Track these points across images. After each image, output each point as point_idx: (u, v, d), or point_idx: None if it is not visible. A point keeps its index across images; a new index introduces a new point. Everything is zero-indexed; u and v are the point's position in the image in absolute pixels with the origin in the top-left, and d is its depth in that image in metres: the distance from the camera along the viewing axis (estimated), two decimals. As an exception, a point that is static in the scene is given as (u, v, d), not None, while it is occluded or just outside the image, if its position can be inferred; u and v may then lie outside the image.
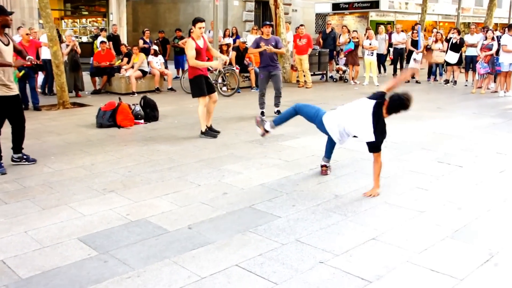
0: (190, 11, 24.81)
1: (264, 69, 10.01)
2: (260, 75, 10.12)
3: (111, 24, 20.05)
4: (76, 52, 12.98)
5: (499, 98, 13.15)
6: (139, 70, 13.57)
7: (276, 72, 10.04)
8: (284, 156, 6.86)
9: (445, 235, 4.27)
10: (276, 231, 4.34)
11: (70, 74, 12.55)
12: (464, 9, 32.88)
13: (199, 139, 8.02)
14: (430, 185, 5.68)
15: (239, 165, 6.48)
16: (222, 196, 5.29)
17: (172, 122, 9.49)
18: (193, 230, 4.37)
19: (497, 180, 5.92)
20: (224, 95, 13.11)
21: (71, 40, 13.15)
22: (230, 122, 9.53)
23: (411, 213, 4.79)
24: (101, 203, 5.06)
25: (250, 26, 23.03)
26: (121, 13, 21.53)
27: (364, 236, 4.24)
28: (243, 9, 25.62)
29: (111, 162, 6.66)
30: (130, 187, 5.58)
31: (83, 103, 11.89)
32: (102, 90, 13.84)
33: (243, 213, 4.78)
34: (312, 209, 4.90)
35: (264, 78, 10.02)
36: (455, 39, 15.35)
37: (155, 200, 5.16)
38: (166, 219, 4.63)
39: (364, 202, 5.10)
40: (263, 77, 10.02)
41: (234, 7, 25.00)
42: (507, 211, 4.90)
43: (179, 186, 5.62)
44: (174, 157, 6.89)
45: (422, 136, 8.32)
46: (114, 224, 4.51)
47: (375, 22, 28.53)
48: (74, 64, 12.79)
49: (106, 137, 8.23)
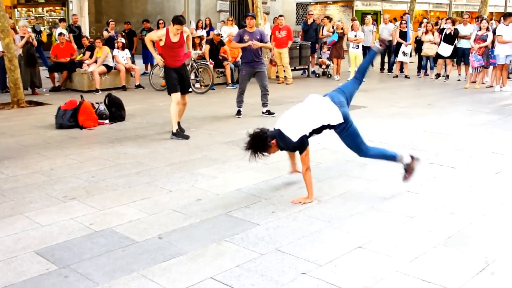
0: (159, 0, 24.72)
1: (248, 65, 9.95)
2: (242, 71, 10.06)
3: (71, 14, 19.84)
4: (32, 45, 12.83)
5: (494, 94, 13.35)
6: (103, 65, 13.47)
7: (261, 69, 10.00)
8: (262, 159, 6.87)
9: (437, 242, 4.32)
10: (254, 240, 4.35)
11: (25, 69, 12.40)
12: (457, -4, 33.36)
13: (170, 140, 8.00)
14: (421, 188, 5.74)
15: (214, 169, 6.47)
16: (195, 202, 5.28)
17: (140, 122, 9.44)
18: (164, 240, 4.35)
19: (492, 182, 6.02)
20: (197, 92, 13.10)
21: (26, 32, 12.99)
22: (203, 121, 9.52)
23: (400, 219, 4.84)
24: (61, 212, 5.00)
25: (225, 17, 23.00)
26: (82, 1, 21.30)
27: (349, 244, 4.26)
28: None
29: (72, 166, 6.60)
30: (94, 194, 5.54)
31: (41, 102, 11.76)
32: (61, 87, 13.70)
33: (219, 221, 4.78)
34: (293, 215, 4.91)
35: (247, 74, 9.95)
36: (449, 30, 15.44)
37: (121, 208, 5.12)
38: (134, 228, 4.61)
39: (349, 207, 5.13)
40: (245, 73, 9.96)
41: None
42: (504, 216, 4.98)
43: (148, 192, 5.59)
44: (142, 161, 6.85)
45: (412, 135, 8.41)
46: (75, 235, 4.46)
47: (361, 12, 28.76)
48: (30, 58, 12.64)
49: (67, 139, 8.16)
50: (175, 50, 8.19)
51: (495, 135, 8.42)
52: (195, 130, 8.71)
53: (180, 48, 8.26)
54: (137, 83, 14.18)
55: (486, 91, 13.84)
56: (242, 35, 9.95)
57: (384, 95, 13.00)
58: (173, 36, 8.13)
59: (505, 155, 7.19)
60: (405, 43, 16.62)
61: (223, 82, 14.66)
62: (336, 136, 5.47)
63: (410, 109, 10.89)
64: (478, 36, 14.11)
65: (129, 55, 14.61)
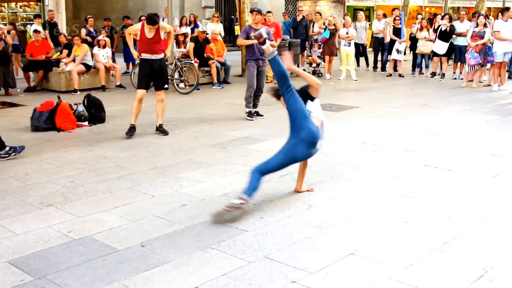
0: (140, -5, 24.69)
1: (255, 62, 10.01)
2: (249, 68, 10.05)
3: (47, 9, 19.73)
4: (5, 42, 12.75)
5: (492, 93, 13.46)
6: (82, 64, 13.41)
7: (264, 68, 10.12)
8: (250, 162, 6.88)
9: (433, 248, 4.35)
10: (241, 247, 4.36)
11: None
12: (454, -9, 33.54)
13: (152, 143, 7.99)
14: (416, 191, 5.77)
15: (199, 173, 6.48)
16: (179, 208, 5.28)
17: (122, 124, 9.41)
18: (147, 248, 4.34)
19: (491, 185, 6.06)
20: (182, 92, 13.09)
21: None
22: (188, 123, 9.51)
23: (394, 224, 4.86)
24: (37, 219, 4.98)
25: (210, 14, 23.00)
26: (58, -4, 21.17)
27: (341, 251, 4.28)
28: (202, -6, 25.61)
29: (49, 171, 6.57)
30: (72, 200, 5.52)
31: (15, 103, 11.69)
32: (37, 87, 13.62)
33: (204, 228, 4.78)
34: (282, 221, 4.93)
35: (254, 71, 10.00)
36: (444, 26, 15.52)
37: (101, 214, 5.11)
38: (114, 236, 4.59)
39: (341, 212, 5.15)
40: (253, 69, 9.99)
41: (191, -9, 24.98)
42: (503, 220, 5.02)
43: (130, 197, 5.58)
44: (123, 165, 6.84)
45: (406, 136, 8.46)
46: (52, 243, 4.44)
47: (353, 7, 28.87)
48: (3, 56, 12.55)
49: (43, 142, 8.12)
50: (150, 45, 8.36)
51: (493, 136, 8.49)
52: (180, 132, 8.70)
53: (155, 44, 8.38)
54: (118, 83, 14.14)
55: (484, 90, 13.94)
56: (248, 31, 9.95)
57: (377, 94, 13.06)
58: (148, 32, 8.29)
59: (503, 157, 7.25)
60: (399, 40, 16.67)
61: (209, 81, 14.65)
62: (328, 139, 5.51)
63: (404, 109, 10.95)
64: (475, 33, 14.14)
65: (109, 54, 14.57)
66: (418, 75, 17.06)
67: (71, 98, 10.93)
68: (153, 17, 8.19)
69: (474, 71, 14.42)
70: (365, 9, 28.69)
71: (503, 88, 13.83)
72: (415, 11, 30.58)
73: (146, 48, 8.37)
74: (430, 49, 16.17)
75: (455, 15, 17.73)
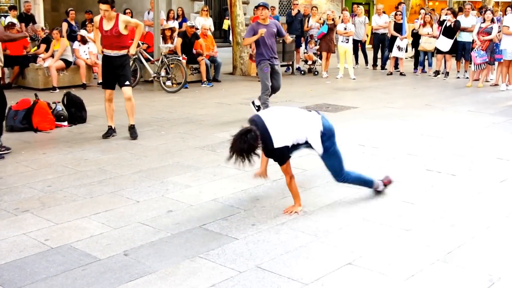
0: (124, -13, 24.63)
1: (269, 60, 9.75)
2: (263, 69, 9.76)
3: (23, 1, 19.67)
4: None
5: (500, 93, 13.52)
6: (61, 60, 13.38)
7: (278, 66, 9.95)
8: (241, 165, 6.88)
9: (436, 258, 4.37)
10: (232, 256, 4.36)
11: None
12: (458, -16, 33.68)
13: (137, 145, 7.98)
14: (418, 197, 5.80)
15: (187, 177, 6.47)
16: (166, 214, 5.27)
17: (104, 125, 9.36)
18: (130, 257, 4.34)
19: (497, 191, 6.09)
20: (168, 91, 13.08)
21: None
22: (175, 124, 9.51)
23: (394, 232, 4.88)
24: (11, 226, 4.96)
25: (199, 7, 23.01)
26: (36, -13, 21.11)
27: (338, 261, 4.29)
28: (190, -15, 25.62)
29: (25, 174, 6.55)
30: (50, 205, 5.50)
31: (-10, 101, 11.64)
32: (12, 84, 13.59)
33: (192, 235, 4.78)
34: (275, 228, 4.93)
35: (269, 71, 9.78)
36: (449, 22, 15.54)
37: (82, 221, 5.09)
38: (96, 244, 4.59)
39: (338, 219, 5.16)
40: (267, 70, 9.74)
41: (179, -17, 24.98)
42: (510, 228, 5.04)
43: (113, 203, 5.57)
44: (106, 168, 6.83)
45: (408, 139, 8.49)
46: (28, 252, 4.43)
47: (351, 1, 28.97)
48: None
49: (19, 143, 8.09)
50: (109, 39, 8.24)
51: (500, 139, 8.53)
52: (166, 134, 8.70)
53: (115, 38, 8.20)
54: (100, 80, 14.09)
55: (491, 90, 14.01)
56: (255, 28, 9.71)
57: (377, 94, 13.10)
58: (106, 23, 8.17)
59: (511, 161, 7.28)
60: (401, 36, 16.71)
61: (198, 79, 14.66)
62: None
63: (405, 110, 10.98)
64: (482, 29, 14.14)
65: (94, 50, 14.50)
66: (421, 74, 17.12)
67: (49, 96, 10.91)
68: None
69: (480, 69, 14.43)
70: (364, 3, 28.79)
71: (511, 88, 13.87)
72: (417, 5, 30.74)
73: (105, 43, 8.28)
74: (434, 46, 16.21)
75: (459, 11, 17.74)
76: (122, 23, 8.14)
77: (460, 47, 15.66)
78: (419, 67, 17.34)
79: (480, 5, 21.74)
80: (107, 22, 8.13)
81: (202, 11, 17.65)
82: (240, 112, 10.36)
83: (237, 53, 16.75)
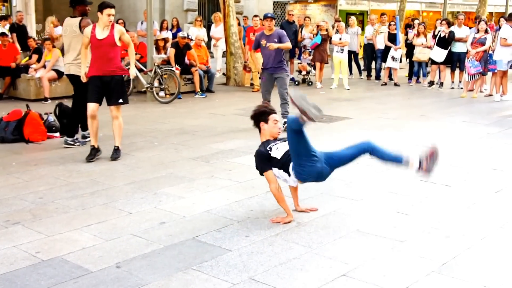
0: (117, -4, 24.67)
1: (266, 70, 10.03)
2: (262, 78, 10.18)
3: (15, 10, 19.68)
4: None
5: (494, 103, 13.57)
6: (53, 70, 13.37)
7: (281, 75, 9.98)
8: (235, 176, 6.89)
9: (431, 269, 4.37)
10: (225, 268, 4.35)
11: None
12: (453, -6, 33.88)
13: (129, 156, 7.97)
14: (412, 208, 5.80)
15: (180, 188, 6.47)
16: (158, 226, 5.26)
17: (95, 136, 9.39)
18: (123, 270, 4.32)
19: (492, 202, 6.10)
20: (162, 101, 13.09)
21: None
22: (168, 135, 9.50)
23: (389, 243, 4.88)
24: (2, 238, 4.94)
25: (193, 17, 23.07)
26: (27, -4, 21.13)
27: (332, 272, 4.29)
28: (184, -4, 25.68)
29: (16, 186, 6.53)
30: (42, 217, 5.48)
31: (-19, 112, 11.63)
32: (3, 95, 13.57)
33: (185, 247, 4.77)
34: (269, 240, 4.93)
35: (266, 81, 9.99)
36: (443, 33, 15.64)
37: (73, 233, 5.08)
38: (87, 256, 4.57)
39: (332, 231, 5.16)
40: (264, 79, 10.07)
41: (172, -7, 25.06)
42: (505, 240, 5.05)
43: (105, 214, 5.56)
44: (98, 179, 6.81)
45: (402, 149, 8.47)
46: (19, 265, 4.41)
47: (345, 12, 29.07)
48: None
49: (10, 154, 8.07)
50: (102, 49, 7.71)
51: (495, 150, 8.56)
52: (159, 145, 8.69)
53: (110, 48, 7.75)
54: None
55: (485, 100, 14.06)
56: (259, 39, 10.07)
57: (371, 105, 13.13)
58: (100, 31, 7.69)
59: (506, 171, 7.30)
60: (395, 47, 16.78)
61: (191, 90, 14.66)
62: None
63: (400, 120, 11.01)
64: (476, 40, 14.24)
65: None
66: (415, 84, 17.20)
67: (41, 107, 10.89)
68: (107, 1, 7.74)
69: (474, 80, 14.50)
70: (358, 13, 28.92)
71: (505, 99, 13.93)
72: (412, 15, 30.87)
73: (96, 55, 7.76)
74: (428, 57, 16.29)
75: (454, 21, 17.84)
76: (118, 33, 7.74)
77: (455, 58, 15.74)
78: (414, 78, 17.42)
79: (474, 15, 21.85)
80: (102, 30, 7.66)
81: (196, 22, 17.72)
82: (233, 123, 10.37)
83: (230, 63, 16.78)
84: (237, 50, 16.62)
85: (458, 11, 30.73)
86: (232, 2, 16.84)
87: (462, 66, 15.26)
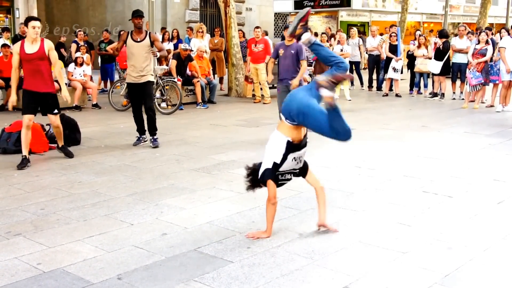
0: (119, 8, 24.77)
1: (282, 82, 10.04)
2: (277, 89, 10.23)
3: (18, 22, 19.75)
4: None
5: (496, 114, 13.56)
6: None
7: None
8: (236, 187, 6.87)
9: (433, 281, 4.35)
10: (227, 280, 4.33)
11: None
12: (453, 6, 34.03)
13: (131, 167, 7.97)
14: (414, 220, 5.79)
15: (182, 199, 6.46)
16: (160, 237, 5.25)
17: (98, 147, 9.39)
18: (124, 281, 4.31)
19: (494, 213, 6.08)
20: (163, 112, 13.09)
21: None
22: (170, 146, 9.50)
23: (391, 255, 4.86)
24: (3, 250, 4.93)
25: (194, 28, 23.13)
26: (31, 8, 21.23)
27: (334, 284, 4.27)
28: (185, 7, 25.75)
29: (18, 197, 6.52)
30: (43, 228, 5.47)
31: (-17, 124, 11.64)
32: (5, 106, 13.57)
33: (187, 258, 4.76)
34: (271, 251, 4.91)
35: (282, 93, 9.95)
36: (437, 45, 15.68)
37: (75, 244, 5.07)
38: (89, 268, 4.56)
39: (334, 242, 5.14)
40: (279, 91, 10.04)
41: (174, 5, 25.11)
42: (508, 251, 5.03)
43: (106, 226, 5.55)
44: (100, 190, 6.81)
45: (404, 160, 8.49)
46: (20, 276, 4.39)
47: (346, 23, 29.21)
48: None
49: (12, 165, 8.06)
50: (33, 63, 7.90)
51: (496, 160, 8.54)
52: (161, 156, 8.69)
53: (41, 62, 7.95)
54: (94, 102, 14.13)
55: (486, 111, 14.06)
56: (278, 49, 10.15)
57: (373, 116, 13.14)
58: (29, 45, 7.85)
59: (507, 182, 7.29)
60: (396, 58, 16.82)
61: (193, 101, 14.68)
62: (319, 163, 5.51)
63: (401, 131, 11.01)
64: (477, 51, 14.27)
65: (88, 72, 14.53)
66: (416, 95, 17.21)
67: (43, 118, 10.88)
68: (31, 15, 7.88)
69: (475, 91, 14.49)
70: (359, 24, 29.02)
71: (507, 109, 13.90)
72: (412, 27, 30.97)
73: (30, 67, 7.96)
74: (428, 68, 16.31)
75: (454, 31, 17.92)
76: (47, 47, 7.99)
77: (455, 69, 15.75)
78: (415, 89, 17.45)
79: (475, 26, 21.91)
80: (31, 44, 7.83)
81: (197, 33, 17.73)
82: (235, 134, 10.37)
83: (232, 74, 16.81)
84: (238, 62, 16.66)
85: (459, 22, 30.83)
86: (234, 13, 16.90)
87: (463, 77, 15.27)
